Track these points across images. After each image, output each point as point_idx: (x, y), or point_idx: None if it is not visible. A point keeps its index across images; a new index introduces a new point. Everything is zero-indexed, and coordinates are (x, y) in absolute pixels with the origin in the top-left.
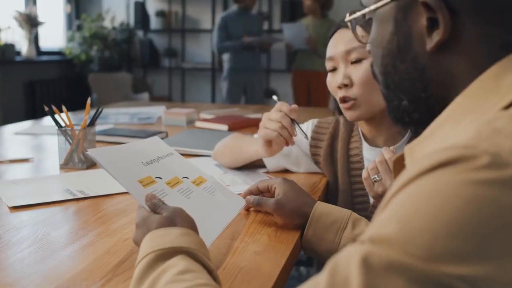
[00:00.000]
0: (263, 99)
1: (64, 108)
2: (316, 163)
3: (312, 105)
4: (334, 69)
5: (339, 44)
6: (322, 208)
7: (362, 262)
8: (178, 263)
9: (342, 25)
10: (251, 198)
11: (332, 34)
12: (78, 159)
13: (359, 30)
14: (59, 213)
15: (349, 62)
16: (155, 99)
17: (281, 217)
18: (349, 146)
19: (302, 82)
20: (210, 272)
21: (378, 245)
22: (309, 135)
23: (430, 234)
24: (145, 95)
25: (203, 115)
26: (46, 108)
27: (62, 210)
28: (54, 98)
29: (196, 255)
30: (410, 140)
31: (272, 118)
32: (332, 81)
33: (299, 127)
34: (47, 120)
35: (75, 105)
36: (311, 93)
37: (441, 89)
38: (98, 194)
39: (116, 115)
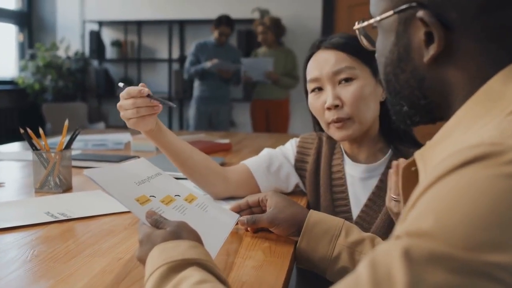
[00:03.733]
0: (228, 128)
1: (41, 131)
2: (301, 177)
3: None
4: (317, 90)
5: (324, 65)
6: (315, 216)
7: (404, 255)
8: (192, 274)
9: (322, 46)
10: (244, 218)
11: (310, 56)
12: (53, 183)
13: (363, 38)
14: (44, 235)
15: (336, 82)
16: (111, 128)
17: (277, 229)
18: (331, 163)
19: (261, 111)
20: (224, 283)
21: (418, 238)
22: (294, 151)
23: (468, 225)
24: (101, 125)
25: None
26: (22, 131)
27: (47, 232)
28: (5, 128)
29: (209, 266)
30: (391, 158)
31: (125, 107)
32: (317, 102)
33: (157, 99)
34: (4, 147)
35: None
36: (270, 121)
37: (438, 97)
38: (81, 216)
39: (79, 142)
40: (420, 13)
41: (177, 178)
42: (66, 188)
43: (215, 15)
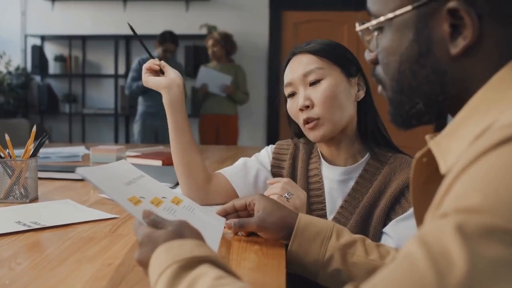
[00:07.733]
0: None
1: (7, 137)
2: None
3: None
4: (292, 95)
5: (296, 69)
6: (305, 219)
7: (458, 231)
8: (207, 271)
9: (297, 51)
10: (231, 222)
11: (288, 62)
12: (19, 192)
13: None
14: (20, 244)
15: (307, 84)
16: (56, 143)
17: (266, 233)
18: (308, 167)
19: (210, 126)
20: (238, 278)
21: (469, 214)
22: (270, 157)
23: None
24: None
25: (130, 153)
26: None
27: (22, 241)
28: None
29: (220, 263)
30: (368, 161)
31: None
32: (293, 105)
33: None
34: None
35: None
36: (219, 136)
37: (458, 91)
38: (56, 224)
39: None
40: (452, 3)
41: None
42: (32, 198)
43: (162, 30)
